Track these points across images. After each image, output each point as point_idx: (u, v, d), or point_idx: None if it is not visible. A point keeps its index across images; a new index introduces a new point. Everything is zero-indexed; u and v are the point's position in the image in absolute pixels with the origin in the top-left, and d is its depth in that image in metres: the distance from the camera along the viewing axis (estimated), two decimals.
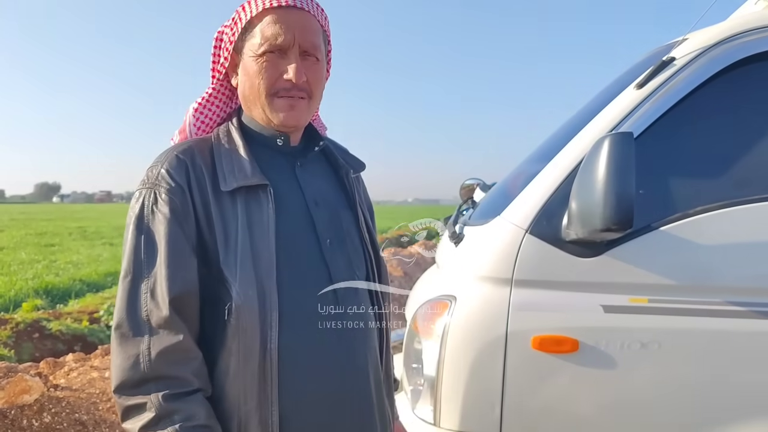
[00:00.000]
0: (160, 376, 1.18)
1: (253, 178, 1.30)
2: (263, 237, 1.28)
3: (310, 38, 1.35)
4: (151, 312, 1.20)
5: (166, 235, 1.23)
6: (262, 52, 1.32)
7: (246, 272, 1.25)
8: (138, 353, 1.18)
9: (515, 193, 2.11)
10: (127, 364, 1.18)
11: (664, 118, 1.99)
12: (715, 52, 2.00)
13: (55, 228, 26.72)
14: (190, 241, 1.26)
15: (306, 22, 1.35)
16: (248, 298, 1.23)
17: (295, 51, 1.33)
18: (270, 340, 1.24)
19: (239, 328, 1.24)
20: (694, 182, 2.05)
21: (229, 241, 1.27)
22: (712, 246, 1.90)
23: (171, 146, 1.37)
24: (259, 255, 1.27)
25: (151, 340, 1.19)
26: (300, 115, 1.37)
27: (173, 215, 1.25)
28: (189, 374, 1.21)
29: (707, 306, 1.88)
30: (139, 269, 1.23)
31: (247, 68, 1.36)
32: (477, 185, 3.22)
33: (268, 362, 1.24)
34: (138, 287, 1.22)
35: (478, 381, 1.97)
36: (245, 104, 1.42)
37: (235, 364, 1.25)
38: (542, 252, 1.96)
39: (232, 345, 1.25)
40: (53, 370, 4.26)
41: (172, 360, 1.19)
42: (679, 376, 1.90)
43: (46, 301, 8.77)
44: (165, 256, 1.22)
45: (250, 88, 1.36)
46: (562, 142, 2.13)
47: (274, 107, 1.35)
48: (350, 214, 1.50)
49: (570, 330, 1.92)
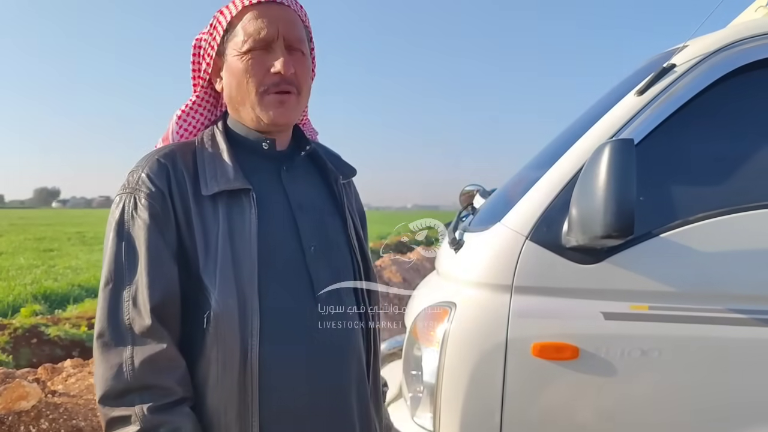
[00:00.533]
0: (144, 385, 1.16)
1: (235, 182, 1.28)
2: (245, 243, 1.25)
3: (293, 31, 1.33)
4: (133, 320, 1.18)
5: (146, 241, 1.21)
6: (247, 50, 1.30)
7: (226, 279, 1.22)
8: (121, 362, 1.16)
9: (515, 200, 2.11)
10: (110, 374, 1.16)
11: (664, 125, 1.98)
12: (716, 59, 2.00)
13: (54, 233, 26.71)
14: (171, 247, 1.24)
15: (288, 16, 1.33)
16: (227, 306, 1.21)
17: (281, 44, 1.31)
18: (251, 349, 1.22)
19: (218, 336, 1.21)
20: (695, 189, 2.04)
21: (209, 248, 1.24)
22: (713, 253, 1.89)
23: (152, 150, 1.35)
24: (240, 262, 1.24)
25: (134, 348, 1.17)
26: (290, 111, 1.35)
27: (153, 221, 1.23)
28: (173, 383, 1.19)
29: (708, 313, 1.87)
30: (121, 277, 1.21)
31: (232, 68, 1.33)
32: (477, 191, 3.22)
33: (248, 372, 1.22)
34: (120, 295, 1.20)
35: (477, 388, 1.96)
36: (232, 106, 1.39)
37: (214, 373, 1.23)
38: (542, 258, 1.95)
39: (210, 354, 1.22)
40: (51, 375, 4.24)
41: (156, 368, 1.17)
42: (680, 384, 1.89)
43: (44, 306, 8.75)
44: (145, 263, 1.20)
45: (237, 88, 1.34)
46: (562, 149, 2.12)
47: (264, 104, 1.32)
48: (338, 219, 1.46)
49: (570, 337, 1.91)
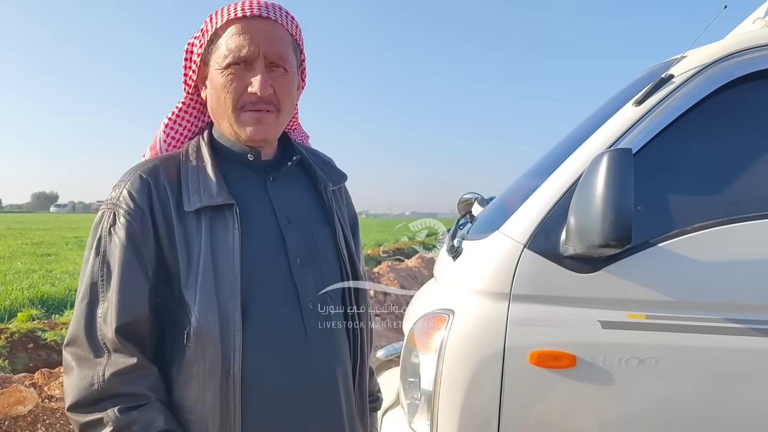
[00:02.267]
0: (115, 394, 1.17)
1: (218, 198, 1.26)
2: (227, 258, 1.24)
3: (276, 49, 1.30)
4: (104, 336, 1.19)
5: (120, 260, 1.22)
6: (227, 65, 1.28)
7: (206, 295, 1.21)
8: (93, 374, 1.17)
9: (514, 208, 2.12)
10: (82, 384, 1.17)
11: (662, 135, 2.00)
12: (714, 69, 2.01)
13: (52, 238, 26.64)
14: (147, 265, 1.24)
15: (272, 32, 1.31)
16: (207, 322, 1.20)
17: (260, 63, 1.29)
18: (233, 365, 1.21)
19: (198, 352, 1.21)
20: (693, 199, 2.05)
21: (191, 264, 1.24)
22: (711, 263, 1.90)
23: (137, 164, 1.34)
24: (222, 277, 1.23)
25: (107, 362, 1.18)
26: (268, 129, 1.33)
27: (130, 239, 1.22)
28: (144, 389, 1.20)
29: (705, 323, 1.88)
30: (95, 293, 1.22)
31: (213, 81, 1.32)
32: (475, 199, 3.22)
33: (231, 388, 1.21)
34: (94, 311, 1.21)
35: (475, 395, 1.96)
36: (214, 118, 1.38)
37: (195, 389, 1.22)
38: (540, 267, 1.96)
39: (191, 370, 1.22)
40: (48, 380, 4.23)
41: (127, 380, 1.18)
42: (677, 393, 1.90)
43: (41, 311, 8.72)
44: (117, 283, 1.21)
45: (217, 102, 1.33)
46: (560, 158, 2.13)
47: (241, 121, 1.31)
48: (327, 228, 1.45)
49: (568, 345, 1.91)
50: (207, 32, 1.33)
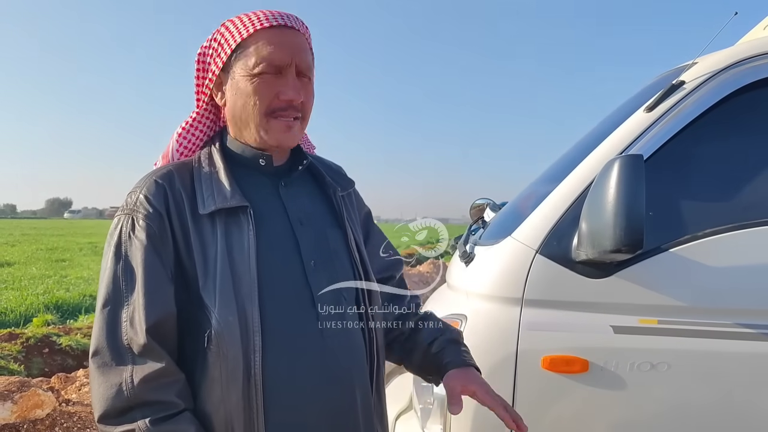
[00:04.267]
0: (144, 402, 1.16)
1: (232, 200, 1.28)
2: (243, 260, 1.25)
3: (305, 58, 1.33)
4: (131, 340, 1.18)
5: (143, 261, 1.22)
6: (258, 72, 1.30)
7: (225, 297, 1.22)
8: (121, 381, 1.16)
9: (526, 214, 2.13)
10: (110, 393, 1.16)
11: (673, 141, 2.00)
12: (725, 76, 2.02)
13: (66, 243, 26.83)
14: (168, 268, 1.24)
15: (299, 42, 1.34)
16: (228, 324, 1.21)
17: (292, 71, 1.31)
18: (254, 366, 1.22)
19: (220, 355, 1.21)
20: (704, 204, 2.05)
21: (208, 266, 1.24)
22: (722, 268, 1.90)
23: (150, 171, 1.35)
24: (240, 279, 1.24)
25: (133, 368, 1.17)
26: (295, 136, 1.36)
27: (150, 241, 1.23)
28: (173, 397, 1.19)
29: (717, 328, 1.88)
30: (119, 297, 1.21)
31: (239, 88, 1.33)
32: (487, 205, 3.23)
33: (252, 389, 1.22)
34: (118, 315, 1.20)
35: None
36: (234, 124, 1.39)
37: (218, 391, 1.22)
38: (552, 272, 1.97)
39: (213, 372, 1.22)
40: (65, 385, 4.28)
41: (156, 386, 1.17)
42: (689, 398, 1.90)
43: (56, 316, 8.79)
44: (142, 284, 1.21)
45: (242, 108, 1.33)
46: (572, 163, 2.14)
47: (270, 127, 1.33)
48: (339, 232, 1.46)
49: (580, 350, 1.92)
50: (228, 41, 1.34)
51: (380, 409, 1.51)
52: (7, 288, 11.29)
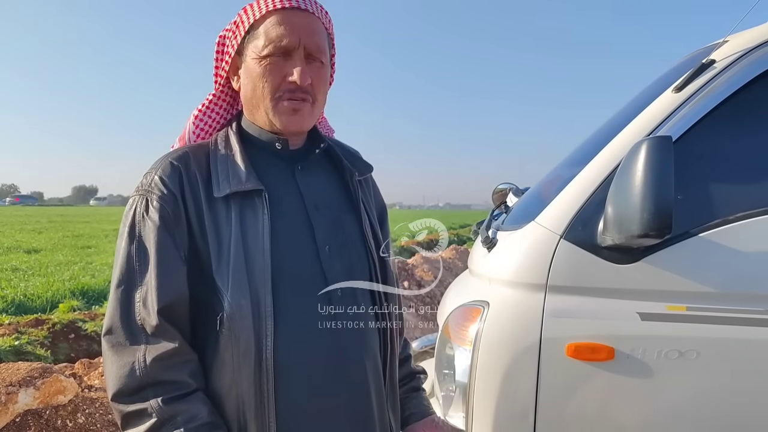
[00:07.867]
0: (157, 381, 1.17)
1: (247, 184, 1.28)
2: (257, 244, 1.25)
3: (315, 40, 1.32)
4: (144, 320, 1.20)
5: (155, 243, 1.23)
6: (266, 54, 1.30)
7: (238, 281, 1.22)
8: (134, 360, 1.17)
9: (550, 198, 2.08)
10: (123, 372, 1.17)
11: (703, 122, 1.94)
12: (757, 54, 1.95)
13: (92, 230, 27.17)
14: (181, 249, 1.25)
15: (311, 25, 1.33)
16: (240, 307, 1.21)
17: (300, 53, 1.31)
18: (265, 349, 1.22)
19: (232, 338, 1.22)
20: (734, 188, 1.99)
21: (222, 249, 1.25)
22: (753, 253, 1.85)
23: (167, 153, 1.36)
24: (253, 262, 1.24)
25: (146, 347, 1.18)
26: (303, 119, 1.35)
27: (163, 223, 1.24)
28: (186, 377, 1.20)
29: (748, 315, 1.83)
30: (132, 278, 1.22)
31: (250, 70, 1.33)
32: (510, 190, 3.19)
33: (264, 372, 1.22)
34: (132, 296, 1.21)
35: (511, 388, 1.94)
36: (247, 107, 1.39)
37: (230, 375, 1.23)
38: (577, 258, 1.93)
39: (225, 355, 1.23)
40: (88, 370, 4.32)
41: (168, 365, 1.19)
42: (719, 386, 1.85)
43: (82, 302, 8.91)
44: (155, 265, 1.22)
45: (253, 91, 1.34)
46: (598, 146, 2.09)
47: (278, 111, 1.33)
48: (354, 217, 1.46)
49: (606, 338, 1.88)
50: (243, 23, 1.34)
51: (393, 396, 1.51)
52: (34, 274, 11.45)
